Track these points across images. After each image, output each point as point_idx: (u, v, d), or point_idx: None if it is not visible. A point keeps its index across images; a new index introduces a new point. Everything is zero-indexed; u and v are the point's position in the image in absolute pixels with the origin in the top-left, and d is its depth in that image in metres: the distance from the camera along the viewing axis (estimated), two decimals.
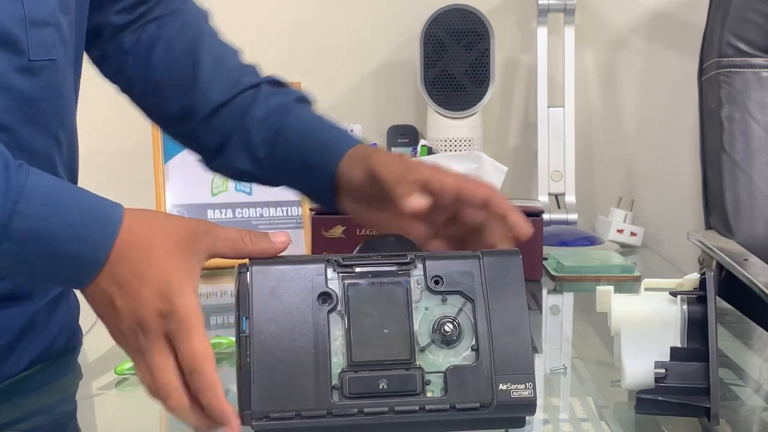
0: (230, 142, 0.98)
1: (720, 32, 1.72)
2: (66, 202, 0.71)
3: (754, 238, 1.64)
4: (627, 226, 1.75)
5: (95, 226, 0.71)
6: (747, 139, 1.69)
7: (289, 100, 0.98)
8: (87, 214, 0.71)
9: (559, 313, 1.33)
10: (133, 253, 0.70)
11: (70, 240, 0.70)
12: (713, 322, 0.80)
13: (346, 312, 0.70)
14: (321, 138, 0.94)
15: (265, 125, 0.96)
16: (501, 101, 1.96)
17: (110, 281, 0.71)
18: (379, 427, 0.69)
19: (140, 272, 0.70)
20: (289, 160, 0.95)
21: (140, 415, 0.92)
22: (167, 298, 0.69)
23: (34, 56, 0.84)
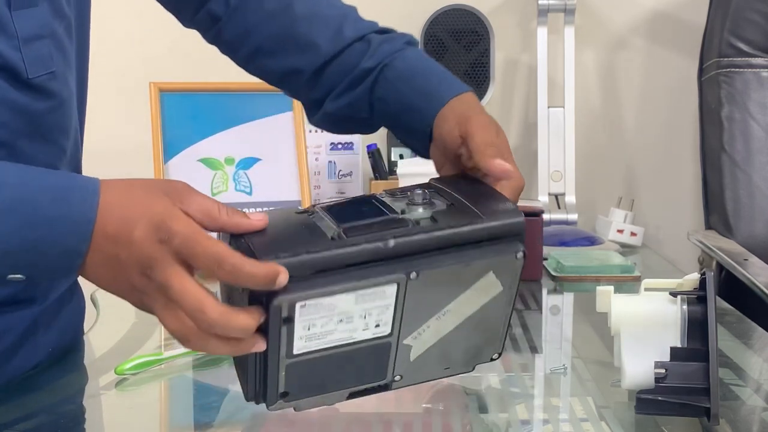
0: (335, 90, 0.96)
1: (720, 32, 1.72)
2: (40, 173, 0.72)
3: (754, 238, 1.64)
4: (627, 226, 1.75)
5: (75, 187, 0.70)
6: (747, 139, 1.69)
7: (397, 45, 0.96)
8: (65, 178, 0.72)
9: (559, 313, 1.33)
10: (115, 207, 0.70)
11: (54, 202, 0.69)
12: (713, 322, 0.80)
13: (324, 215, 0.74)
14: (423, 83, 0.92)
15: (369, 70, 0.95)
16: (501, 101, 1.96)
17: (102, 241, 0.69)
18: (383, 251, 0.71)
19: (126, 217, 0.69)
20: (389, 100, 0.93)
21: (140, 415, 0.92)
22: (160, 225, 0.68)
23: (32, 74, 0.83)
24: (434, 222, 0.73)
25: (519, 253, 0.77)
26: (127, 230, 0.69)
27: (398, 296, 0.71)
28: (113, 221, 0.69)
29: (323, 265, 0.69)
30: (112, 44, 1.88)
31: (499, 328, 0.80)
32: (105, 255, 0.70)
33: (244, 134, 1.59)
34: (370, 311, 0.71)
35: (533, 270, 1.39)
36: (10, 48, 0.81)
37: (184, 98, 1.58)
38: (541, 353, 1.09)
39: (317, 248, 0.69)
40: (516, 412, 0.87)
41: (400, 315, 0.73)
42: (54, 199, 0.70)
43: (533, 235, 1.39)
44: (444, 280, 0.73)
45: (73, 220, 0.70)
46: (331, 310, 0.70)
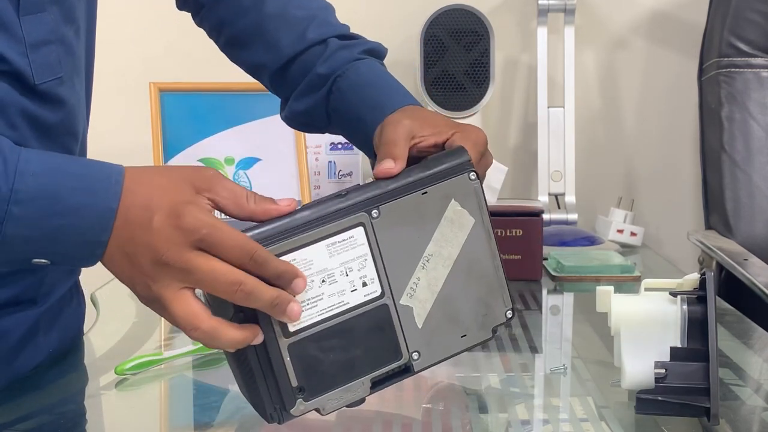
0: (294, 93, 0.99)
1: (720, 32, 1.72)
2: (64, 161, 0.72)
3: (754, 238, 1.64)
4: (627, 226, 1.75)
5: (98, 177, 0.71)
6: (747, 139, 1.69)
7: (354, 53, 0.97)
8: (87, 168, 0.72)
9: (559, 313, 1.33)
10: (138, 193, 0.71)
11: (76, 192, 0.70)
12: (713, 322, 0.80)
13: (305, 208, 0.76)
14: (372, 94, 0.93)
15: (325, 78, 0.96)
16: (501, 101, 1.96)
17: (122, 225, 0.70)
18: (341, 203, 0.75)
19: (147, 204, 0.70)
20: (341, 111, 0.95)
21: (140, 415, 0.92)
22: (179, 214, 0.69)
23: (39, 80, 0.83)
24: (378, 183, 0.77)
25: (471, 173, 0.80)
26: (147, 216, 0.69)
27: (369, 241, 0.74)
28: (135, 208, 0.70)
29: (291, 228, 0.72)
30: (112, 44, 1.87)
31: (493, 272, 0.81)
32: (122, 240, 0.70)
33: (244, 134, 1.59)
34: (348, 265, 0.74)
35: (533, 270, 1.39)
36: (17, 54, 0.81)
37: (184, 98, 1.58)
38: (541, 353, 1.09)
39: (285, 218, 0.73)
40: (516, 412, 0.87)
41: (382, 267, 0.75)
42: (76, 188, 0.70)
43: (533, 235, 1.39)
44: (408, 217, 0.76)
45: (95, 210, 0.70)
46: (308, 267, 0.72)
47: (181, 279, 0.69)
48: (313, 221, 0.73)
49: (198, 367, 1.00)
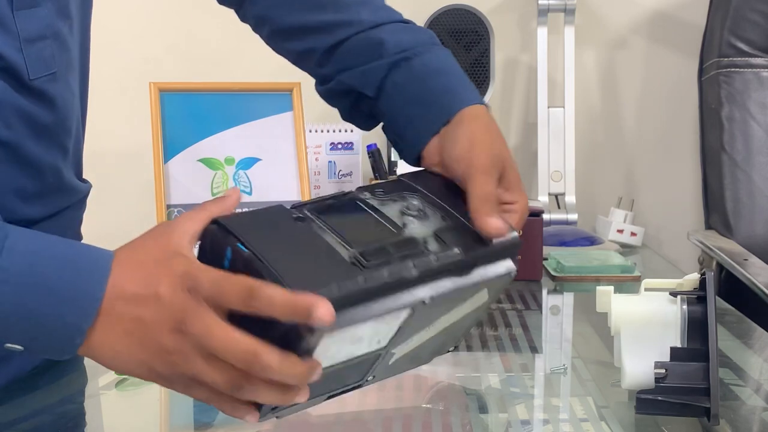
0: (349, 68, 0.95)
1: (720, 32, 1.72)
2: (54, 242, 0.69)
3: (754, 238, 1.64)
4: (627, 226, 1.75)
5: (87, 258, 0.68)
6: (747, 139, 1.69)
7: (424, 38, 0.94)
8: (77, 248, 0.69)
9: (559, 313, 1.33)
10: (132, 269, 0.68)
11: (60, 272, 0.66)
12: (713, 322, 0.80)
13: (322, 223, 0.72)
14: (446, 81, 0.90)
15: (383, 58, 0.92)
16: (501, 101, 1.96)
17: (123, 308, 0.67)
18: (406, 282, 0.70)
19: (146, 276, 0.67)
20: (405, 86, 0.90)
21: (140, 415, 0.92)
22: (183, 275, 0.66)
23: (33, 75, 0.82)
24: (443, 245, 0.73)
25: (513, 272, 0.79)
26: (150, 288, 0.66)
27: (407, 318, 0.72)
28: (132, 283, 0.67)
29: (354, 300, 0.67)
30: (112, 44, 1.88)
31: (468, 328, 0.83)
32: (125, 320, 0.67)
33: (244, 134, 1.59)
34: (379, 333, 0.71)
35: (533, 270, 1.39)
36: (12, 48, 0.81)
37: (184, 98, 1.57)
38: (541, 353, 1.08)
39: (346, 281, 0.66)
40: (516, 412, 0.87)
41: (400, 332, 0.73)
42: (61, 268, 0.67)
43: (533, 235, 1.39)
44: (448, 301, 0.74)
45: (79, 292, 0.67)
46: (350, 337, 0.69)
47: (200, 348, 0.65)
48: (376, 307, 0.68)
49: None
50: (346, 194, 0.78)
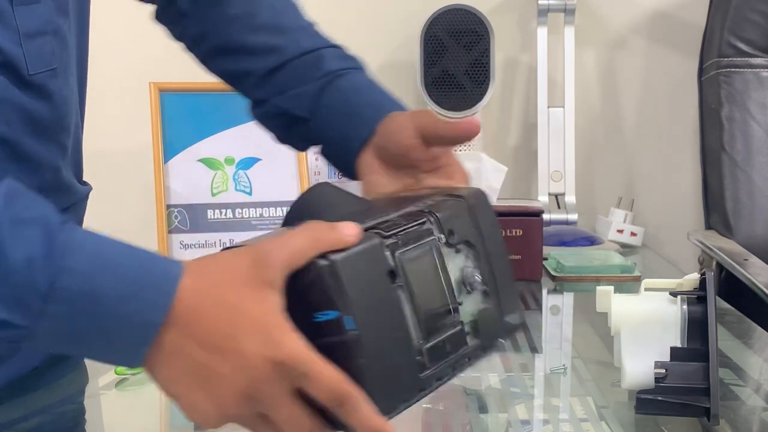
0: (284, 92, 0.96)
1: (720, 32, 1.72)
2: (116, 259, 0.64)
3: (754, 238, 1.64)
4: (627, 226, 1.75)
5: (149, 285, 0.63)
6: (747, 139, 1.69)
7: (351, 63, 0.98)
8: (139, 272, 0.63)
9: (559, 313, 1.33)
10: (211, 312, 0.63)
11: (121, 300, 0.62)
12: (713, 322, 0.80)
13: (407, 287, 0.68)
14: (372, 96, 0.93)
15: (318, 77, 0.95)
16: (501, 101, 1.96)
17: (196, 350, 0.62)
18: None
19: (231, 332, 0.62)
20: (334, 106, 0.93)
21: (140, 415, 0.92)
22: (273, 345, 0.62)
23: (32, 70, 0.82)
24: (477, 337, 0.73)
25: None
26: (232, 345, 0.62)
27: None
28: (214, 333, 0.62)
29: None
30: (112, 44, 1.88)
31: None
32: (194, 366, 0.63)
33: (244, 134, 1.59)
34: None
35: (533, 270, 1.39)
36: (11, 43, 0.81)
37: (184, 98, 1.58)
38: (541, 353, 1.08)
39: (410, 401, 0.67)
40: (516, 412, 0.87)
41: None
42: (123, 297, 0.62)
43: (533, 235, 1.39)
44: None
45: (140, 323, 0.63)
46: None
47: (263, 410, 0.63)
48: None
49: None
50: (424, 230, 0.71)
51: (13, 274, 0.61)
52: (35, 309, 0.61)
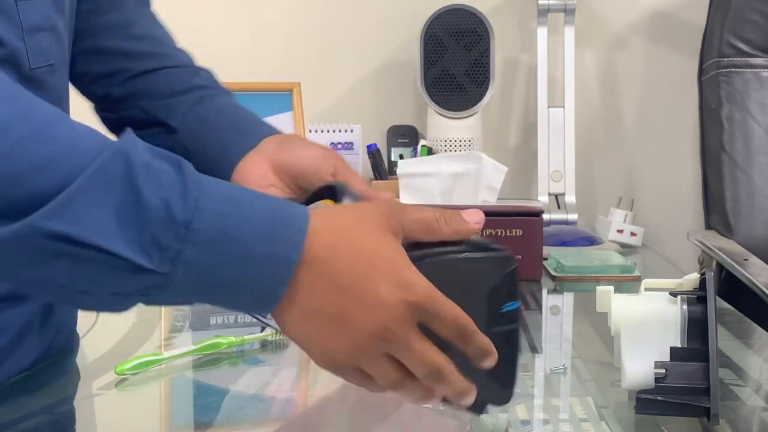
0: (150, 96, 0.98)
1: (720, 32, 1.72)
2: (247, 199, 0.64)
3: (754, 238, 1.64)
4: (627, 226, 1.75)
5: (282, 223, 0.63)
6: (747, 139, 1.69)
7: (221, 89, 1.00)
8: (271, 211, 0.64)
9: (559, 313, 1.33)
10: (346, 253, 0.64)
11: (257, 239, 0.62)
12: (713, 322, 0.80)
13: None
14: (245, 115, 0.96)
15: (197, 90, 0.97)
16: (501, 101, 1.96)
17: (331, 290, 0.63)
18: None
19: (367, 273, 0.64)
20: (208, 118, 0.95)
21: (140, 415, 0.92)
22: (409, 287, 0.64)
23: (33, 65, 0.83)
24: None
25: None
26: (369, 287, 0.63)
27: None
28: (349, 273, 0.64)
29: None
30: None
31: None
32: (328, 306, 0.64)
33: None
34: None
35: (533, 270, 1.39)
36: (15, 37, 0.82)
37: None
38: (541, 353, 1.08)
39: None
40: (516, 412, 0.87)
41: None
42: (259, 234, 0.62)
43: (533, 235, 1.39)
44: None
45: (276, 260, 0.63)
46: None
47: (391, 350, 0.65)
48: None
49: (198, 367, 1.00)
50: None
51: (150, 217, 0.59)
52: (172, 252, 0.60)
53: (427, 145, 1.79)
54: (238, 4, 1.93)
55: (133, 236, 0.59)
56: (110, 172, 0.59)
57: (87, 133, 0.62)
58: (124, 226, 0.59)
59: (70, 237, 0.58)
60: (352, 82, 1.95)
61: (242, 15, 1.92)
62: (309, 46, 1.94)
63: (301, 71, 1.85)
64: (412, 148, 1.87)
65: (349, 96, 1.95)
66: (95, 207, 0.58)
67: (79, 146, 0.60)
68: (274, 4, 1.94)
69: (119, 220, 0.59)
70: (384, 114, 1.94)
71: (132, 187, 0.59)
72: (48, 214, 0.58)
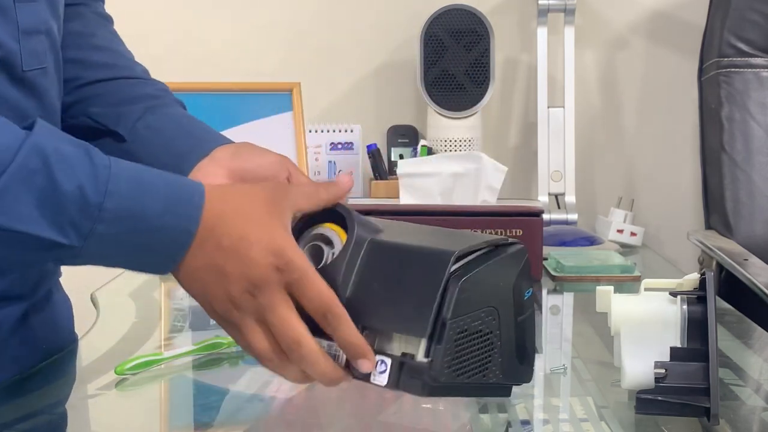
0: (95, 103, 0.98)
1: (720, 32, 1.72)
2: (151, 180, 0.73)
3: (754, 238, 1.64)
4: (627, 226, 1.75)
5: (182, 199, 0.73)
6: (747, 139, 1.69)
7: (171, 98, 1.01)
8: (173, 188, 0.73)
9: (559, 313, 1.33)
10: (229, 219, 0.72)
11: (160, 215, 0.71)
12: (713, 322, 0.80)
13: None
14: (200, 125, 0.98)
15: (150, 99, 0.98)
16: (501, 101, 1.96)
17: (213, 250, 0.72)
18: None
19: (244, 235, 0.71)
20: (162, 127, 0.96)
21: (140, 415, 0.92)
22: (279, 253, 0.70)
23: (27, 67, 0.84)
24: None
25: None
26: (243, 247, 0.71)
27: None
28: (229, 236, 0.72)
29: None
30: None
31: None
32: (211, 263, 0.72)
33: (244, 134, 1.59)
34: None
35: (533, 270, 1.39)
36: (10, 38, 0.82)
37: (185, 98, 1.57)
38: (541, 353, 1.08)
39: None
40: (516, 412, 0.87)
41: None
42: (161, 210, 0.71)
43: (533, 235, 1.38)
44: None
45: (176, 232, 0.72)
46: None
47: (259, 312, 0.71)
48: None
49: (198, 367, 1.00)
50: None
51: (65, 201, 0.69)
52: (85, 230, 0.70)
53: (427, 145, 1.79)
54: (238, 4, 1.93)
55: (52, 219, 0.69)
56: (29, 168, 0.69)
57: (1, 128, 0.70)
58: (44, 211, 0.69)
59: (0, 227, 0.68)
60: (352, 82, 1.95)
61: (242, 15, 1.92)
62: (309, 46, 1.94)
63: (301, 71, 1.85)
64: (412, 148, 1.87)
65: (349, 96, 1.95)
66: (19, 199, 0.68)
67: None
68: (274, 5, 1.94)
69: (40, 207, 0.69)
70: (384, 114, 1.94)
71: (50, 178, 0.69)
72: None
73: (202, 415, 0.90)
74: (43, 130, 0.71)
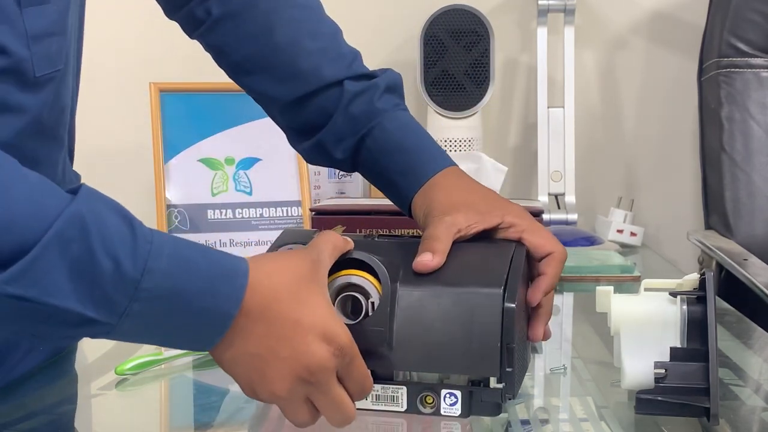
0: (313, 137, 0.98)
1: (720, 32, 1.72)
2: (193, 257, 0.68)
3: (754, 238, 1.64)
4: (627, 226, 1.75)
5: (224, 279, 0.69)
6: (747, 139, 1.69)
7: (375, 102, 0.97)
8: (214, 267, 0.69)
9: (559, 313, 1.33)
10: (280, 303, 0.70)
11: (200, 296, 0.67)
12: (713, 322, 0.80)
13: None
14: (404, 159, 0.94)
15: (348, 132, 0.97)
16: (501, 101, 1.96)
17: (264, 336, 0.69)
18: None
19: (297, 320, 0.70)
20: (372, 171, 0.97)
21: (140, 415, 0.92)
22: (333, 339, 0.70)
23: (39, 72, 0.82)
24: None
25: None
26: (298, 334, 0.69)
27: None
28: (282, 321, 0.70)
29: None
30: (112, 44, 1.88)
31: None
32: (262, 348, 0.70)
33: (244, 134, 1.59)
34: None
35: None
36: (20, 45, 0.80)
37: (184, 98, 1.57)
38: (541, 353, 1.08)
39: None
40: (516, 412, 0.87)
41: None
42: (201, 290, 0.67)
43: None
44: None
45: (218, 315, 0.68)
46: None
47: (310, 393, 0.71)
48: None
49: (198, 367, 1.00)
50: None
51: (102, 276, 0.63)
52: (121, 308, 0.64)
53: None
54: None
55: (85, 293, 0.63)
56: (66, 236, 0.62)
57: (44, 192, 0.65)
58: (77, 284, 0.63)
59: (28, 299, 0.62)
60: None
61: None
62: None
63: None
64: None
65: None
66: (52, 270, 0.62)
67: (36, 209, 0.63)
68: None
69: (73, 279, 0.63)
70: None
71: (87, 248, 0.63)
72: (8, 280, 0.61)
73: (202, 415, 0.90)
74: (86, 194, 0.66)
